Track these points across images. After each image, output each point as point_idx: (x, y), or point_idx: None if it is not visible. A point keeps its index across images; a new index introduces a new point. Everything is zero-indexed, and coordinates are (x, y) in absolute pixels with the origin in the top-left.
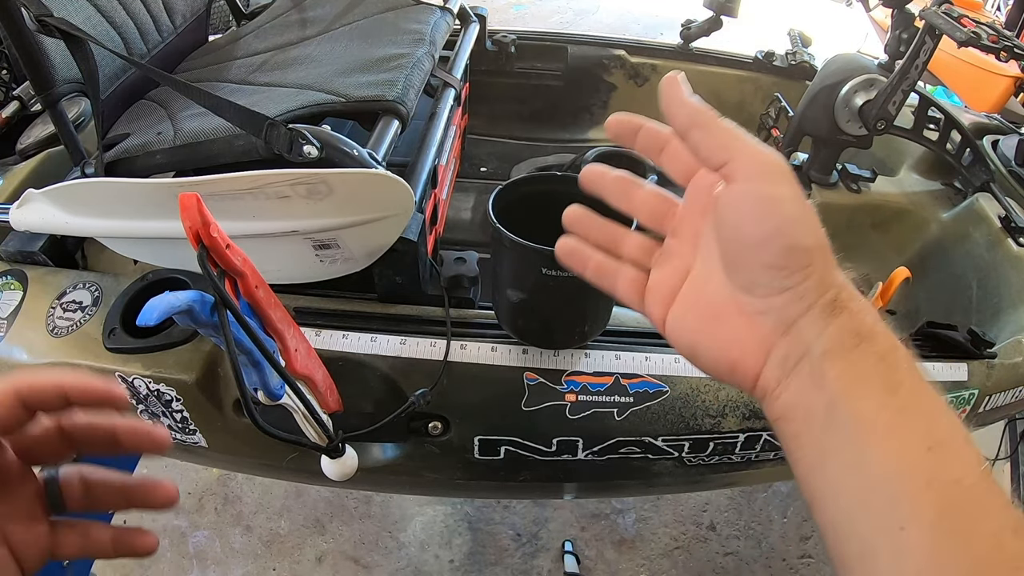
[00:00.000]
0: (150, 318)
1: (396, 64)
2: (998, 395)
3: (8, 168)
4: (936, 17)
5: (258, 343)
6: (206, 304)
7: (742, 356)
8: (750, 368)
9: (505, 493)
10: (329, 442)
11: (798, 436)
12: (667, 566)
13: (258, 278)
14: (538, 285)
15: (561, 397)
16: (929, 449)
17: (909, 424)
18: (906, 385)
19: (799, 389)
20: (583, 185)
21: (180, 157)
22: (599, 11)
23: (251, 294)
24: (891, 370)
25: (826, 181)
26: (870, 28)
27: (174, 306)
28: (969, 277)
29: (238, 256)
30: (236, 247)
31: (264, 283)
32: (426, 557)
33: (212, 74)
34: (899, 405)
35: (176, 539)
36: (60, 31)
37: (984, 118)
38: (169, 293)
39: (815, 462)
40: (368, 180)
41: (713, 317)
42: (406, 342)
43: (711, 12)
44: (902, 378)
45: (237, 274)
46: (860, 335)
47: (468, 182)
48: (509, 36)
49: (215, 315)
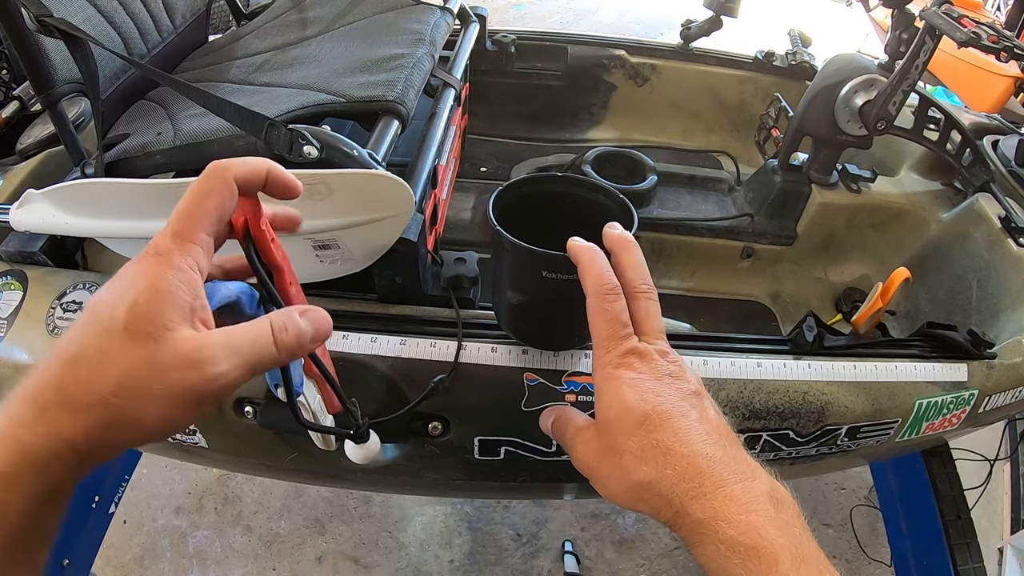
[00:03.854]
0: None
1: (396, 64)
2: (998, 395)
3: (8, 168)
4: (936, 17)
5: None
6: (253, 298)
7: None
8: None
9: (505, 493)
10: (357, 428)
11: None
12: (667, 566)
13: (292, 274)
14: (538, 288)
15: (561, 398)
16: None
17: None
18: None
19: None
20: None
21: (180, 157)
22: (599, 11)
23: (285, 289)
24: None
25: (826, 181)
26: (870, 28)
27: (225, 296)
28: (969, 277)
29: (279, 251)
30: (279, 241)
31: (296, 279)
32: (426, 557)
33: (212, 74)
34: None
35: (176, 539)
36: (60, 31)
37: (984, 118)
38: (219, 283)
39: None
40: (368, 180)
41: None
42: (406, 342)
43: (711, 12)
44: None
45: (276, 268)
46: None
47: (468, 182)
48: (509, 36)
49: (260, 308)
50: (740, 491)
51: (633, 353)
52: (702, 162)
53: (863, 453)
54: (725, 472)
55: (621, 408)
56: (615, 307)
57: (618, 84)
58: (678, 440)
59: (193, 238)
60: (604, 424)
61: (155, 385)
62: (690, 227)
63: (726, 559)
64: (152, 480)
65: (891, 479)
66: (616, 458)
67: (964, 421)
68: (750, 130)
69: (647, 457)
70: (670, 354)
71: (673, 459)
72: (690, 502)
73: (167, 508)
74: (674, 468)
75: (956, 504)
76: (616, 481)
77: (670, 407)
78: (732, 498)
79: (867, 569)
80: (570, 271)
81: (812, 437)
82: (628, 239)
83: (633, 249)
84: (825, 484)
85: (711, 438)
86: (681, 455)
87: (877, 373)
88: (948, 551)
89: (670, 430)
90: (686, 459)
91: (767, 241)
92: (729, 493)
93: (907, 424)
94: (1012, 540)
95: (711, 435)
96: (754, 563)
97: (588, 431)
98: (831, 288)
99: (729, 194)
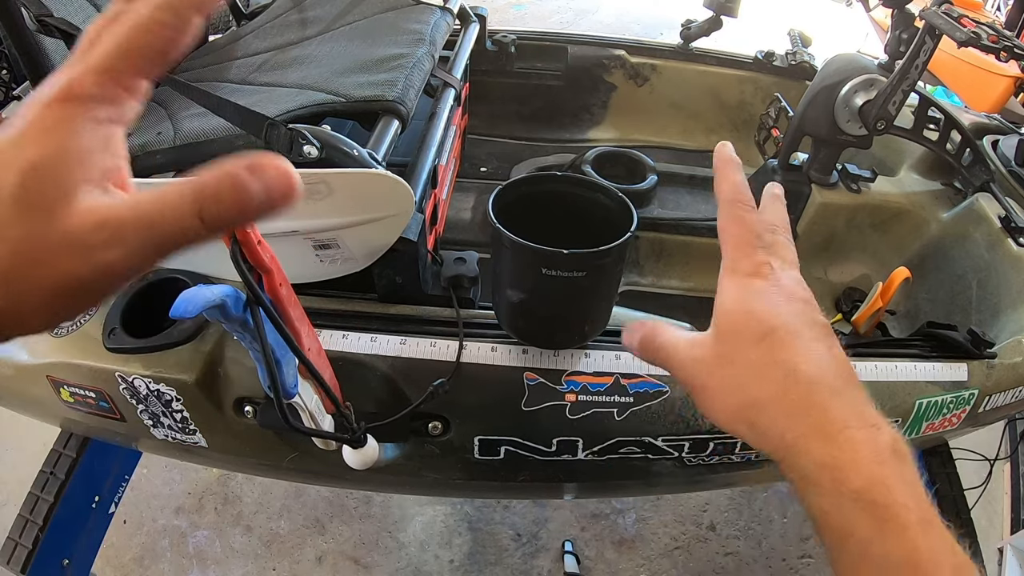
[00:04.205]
0: (187, 310)
1: (396, 64)
2: (998, 395)
3: None
4: (936, 17)
5: (288, 340)
6: (239, 300)
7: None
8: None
9: (505, 493)
10: (352, 433)
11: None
12: (667, 566)
13: (282, 275)
14: (538, 285)
15: (561, 397)
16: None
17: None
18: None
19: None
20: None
21: (180, 157)
22: (599, 11)
23: (275, 291)
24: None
25: (826, 181)
26: (870, 28)
27: (209, 300)
28: (969, 277)
29: (267, 252)
30: (266, 243)
31: (287, 280)
32: (426, 557)
33: (212, 74)
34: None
35: (176, 539)
36: (60, 31)
37: (984, 118)
38: (203, 286)
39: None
40: (368, 180)
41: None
42: (406, 342)
43: (711, 12)
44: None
45: (264, 270)
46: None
47: (468, 182)
48: (509, 36)
49: (247, 311)
50: (865, 437)
51: (769, 266)
52: (702, 162)
53: None
54: (851, 414)
55: (747, 315)
56: (751, 217)
57: (618, 84)
58: (806, 363)
59: (123, 81)
60: (724, 331)
61: (38, 272)
62: (690, 227)
63: (850, 513)
64: (152, 480)
65: None
66: (730, 368)
67: (964, 421)
68: (750, 130)
69: (767, 374)
70: (804, 284)
71: (797, 384)
72: (809, 439)
73: (167, 508)
74: (796, 394)
75: (956, 504)
76: (726, 396)
77: (800, 328)
78: (858, 444)
79: None
80: (570, 268)
81: None
82: (776, 192)
83: (780, 203)
84: None
85: (839, 374)
86: (806, 382)
87: (877, 373)
88: None
89: (797, 351)
90: (811, 388)
91: None
92: (853, 437)
93: (907, 424)
94: (1012, 540)
95: (839, 371)
96: (882, 523)
97: (698, 338)
98: (831, 288)
99: None
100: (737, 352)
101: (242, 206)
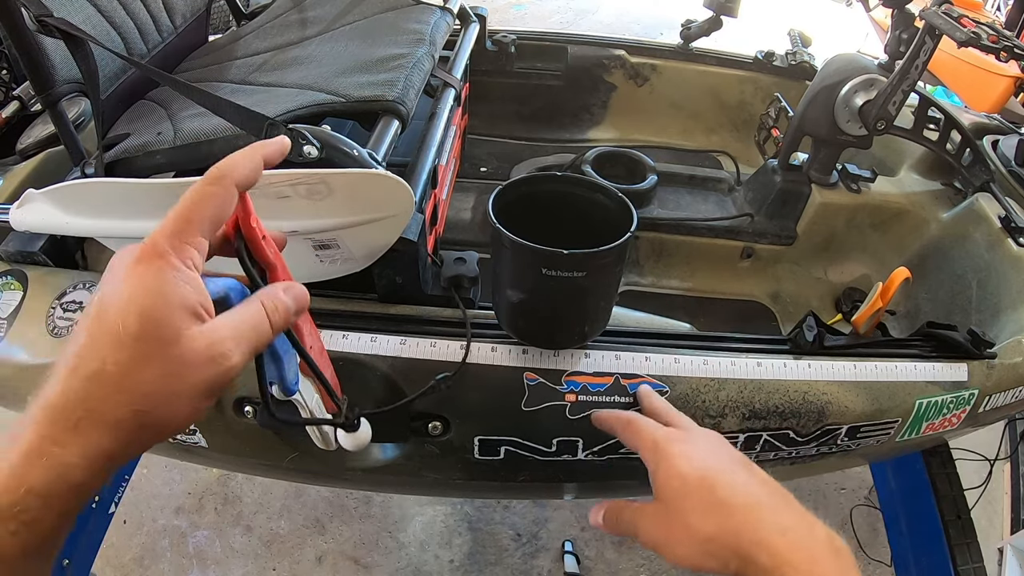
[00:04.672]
0: None
1: (396, 64)
2: (998, 395)
3: (8, 168)
4: (936, 17)
5: (291, 336)
6: (243, 294)
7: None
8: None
9: (505, 493)
10: (347, 419)
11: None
12: (667, 566)
13: (286, 271)
14: (538, 285)
15: (561, 397)
16: None
17: None
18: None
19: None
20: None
21: (180, 157)
22: (599, 11)
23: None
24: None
25: (826, 181)
26: (870, 28)
27: (213, 292)
28: (969, 277)
29: (271, 248)
30: (270, 238)
31: (291, 277)
32: (426, 557)
33: (212, 74)
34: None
35: (176, 539)
36: (60, 31)
37: (984, 118)
38: (208, 279)
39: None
40: (368, 180)
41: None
42: (406, 342)
43: (711, 12)
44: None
45: (268, 266)
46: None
47: (468, 182)
48: (509, 36)
49: None
50: (803, 538)
51: (675, 436)
52: (702, 162)
53: (863, 453)
54: (785, 519)
55: (678, 480)
56: (639, 422)
57: (618, 84)
58: (735, 493)
59: (190, 240)
60: (666, 498)
61: (179, 387)
62: (690, 227)
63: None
64: (152, 480)
65: (891, 479)
66: (681, 520)
67: (964, 421)
68: (750, 130)
69: (710, 512)
70: (711, 431)
71: (734, 510)
72: (756, 550)
73: (167, 508)
74: (736, 518)
75: (956, 504)
76: (686, 544)
77: (723, 467)
78: (797, 546)
79: (867, 569)
80: (570, 268)
81: (812, 437)
82: (644, 390)
83: (652, 395)
84: (825, 484)
85: (765, 490)
86: (741, 506)
87: (877, 373)
88: (948, 551)
89: (726, 485)
90: (746, 508)
91: (767, 241)
92: (792, 540)
93: (907, 424)
94: (1012, 540)
95: (765, 488)
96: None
97: (649, 508)
98: (831, 288)
99: (729, 194)
100: (682, 508)
101: (286, 318)
